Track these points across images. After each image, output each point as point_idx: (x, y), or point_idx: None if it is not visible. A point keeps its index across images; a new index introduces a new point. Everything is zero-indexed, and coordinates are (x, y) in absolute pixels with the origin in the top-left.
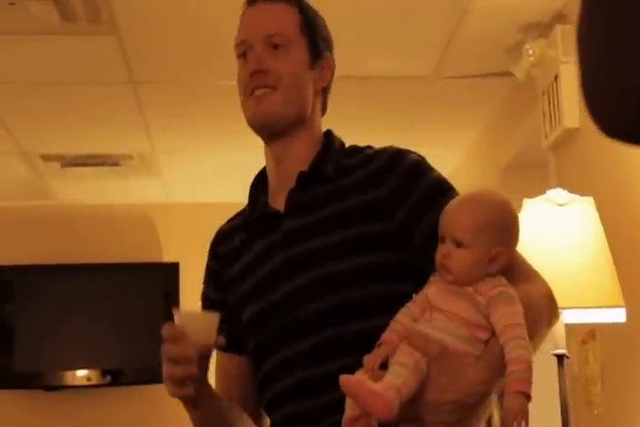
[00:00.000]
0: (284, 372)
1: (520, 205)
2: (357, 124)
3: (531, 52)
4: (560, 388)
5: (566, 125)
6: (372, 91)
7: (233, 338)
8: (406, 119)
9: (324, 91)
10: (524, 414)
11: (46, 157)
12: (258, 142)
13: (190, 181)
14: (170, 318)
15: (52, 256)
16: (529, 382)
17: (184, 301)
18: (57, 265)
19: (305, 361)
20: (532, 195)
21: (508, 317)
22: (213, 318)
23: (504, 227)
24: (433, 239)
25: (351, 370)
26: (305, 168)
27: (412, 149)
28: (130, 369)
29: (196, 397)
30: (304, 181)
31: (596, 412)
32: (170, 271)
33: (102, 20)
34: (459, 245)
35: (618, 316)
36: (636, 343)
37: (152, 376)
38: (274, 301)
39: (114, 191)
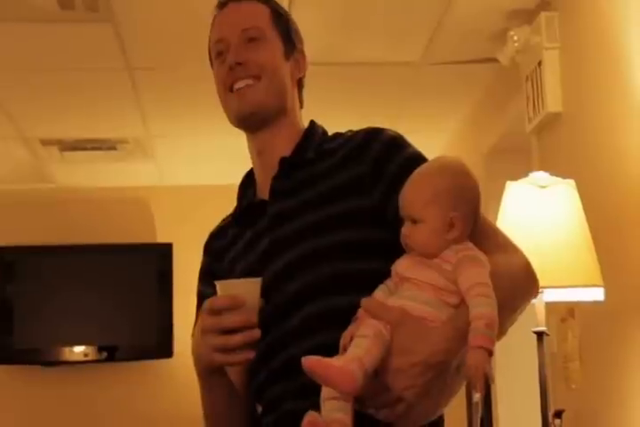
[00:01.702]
0: (271, 355)
1: (503, 188)
2: (344, 110)
3: (515, 38)
4: (539, 364)
5: (549, 110)
6: (359, 77)
7: None
8: (392, 105)
9: (300, 83)
10: (485, 368)
11: (45, 142)
12: None
13: (184, 165)
14: (164, 295)
15: (51, 237)
16: (490, 337)
17: (177, 279)
18: (55, 246)
19: (289, 341)
20: (516, 178)
21: (473, 277)
22: (257, 283)
23: (456, 194)
24: None
25: (333, 347)
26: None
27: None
28: (125, 346)
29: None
30: (286, 166)
31: (573, 387)
32: (163, 251)
33: (99, 8)
34: (414, 221)
35: (596, 295)
36: (614, 321)
37: (146, 353)
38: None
39: (110, 174)
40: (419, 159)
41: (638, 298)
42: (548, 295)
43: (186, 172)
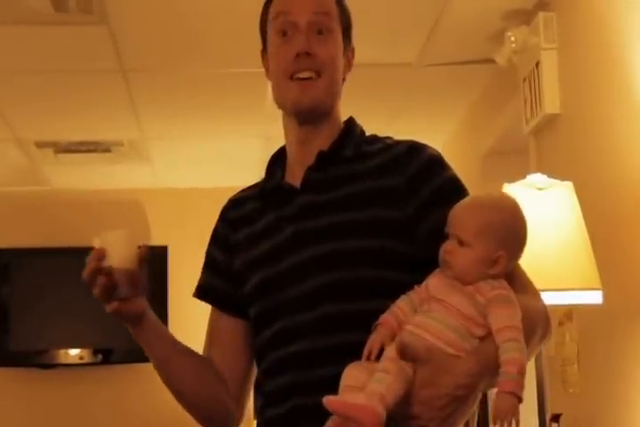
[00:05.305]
0: (283, 341)
1: (500, 190)
2: (341, 111)
3: (513, 39)
4: (537, 367)
5: (547, 111)
6: (355, 78)
7: (234, 300)
8: (389, 106)
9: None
10: (514, 415)
11: (40, 144)
12: (245, 129)
13: (178, 167)
14: (159, 298)
15: (46, 239)
16: (520, 384)
17: (172, 282)
18: (51, 248)
19: (305, 333)
20: (513, 180)
21: (506, 318)
22: (129, 232)
23: (509, 233)
24: (438, 235)
25: (348, 346)
26: (325, 149)
27: (397, 135)
28: (120, 349)
29: (136, 311)
30: (323, 160)
31: (571, 391)
32: (158, 254)
33: (94, 11)
34: (461, 243)
35: (595, 298)
36: (612, 325)
37: (140, 355)
38: (281, 271)
39: (105, 177)
40: (456, 183)
41: (637, 301)
42: (546, 298)
43: (181, 174)
